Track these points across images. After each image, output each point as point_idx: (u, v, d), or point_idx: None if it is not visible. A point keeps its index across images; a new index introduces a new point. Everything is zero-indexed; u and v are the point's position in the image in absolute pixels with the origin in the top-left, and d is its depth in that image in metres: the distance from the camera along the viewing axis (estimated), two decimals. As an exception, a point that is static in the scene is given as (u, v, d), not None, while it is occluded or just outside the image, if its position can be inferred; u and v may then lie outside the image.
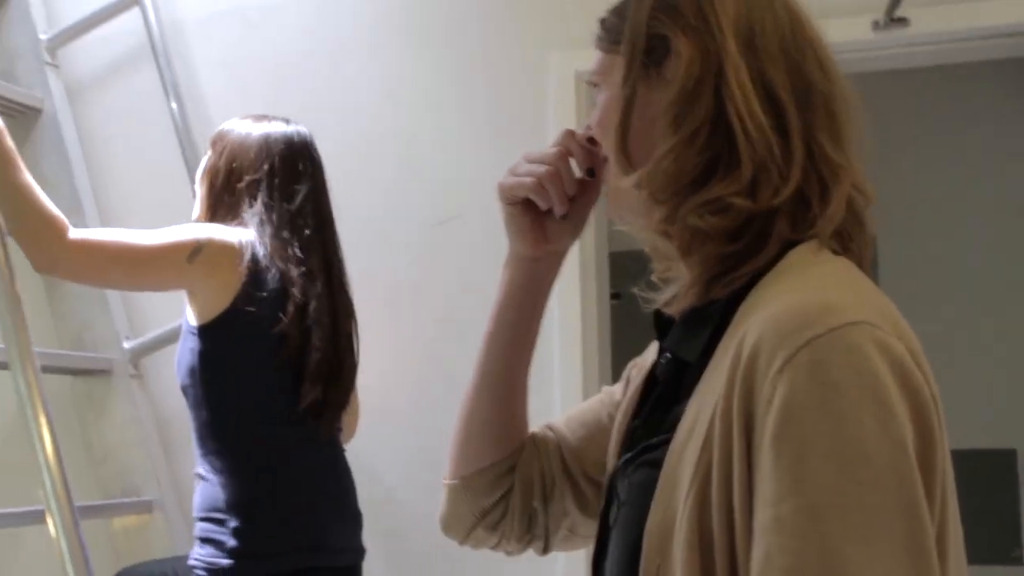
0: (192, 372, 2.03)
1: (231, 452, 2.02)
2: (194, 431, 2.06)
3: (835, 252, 0.94)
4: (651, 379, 1.07)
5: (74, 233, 1.92)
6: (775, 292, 0.88)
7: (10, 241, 1.94)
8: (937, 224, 3.94)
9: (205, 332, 2.01)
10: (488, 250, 2.57)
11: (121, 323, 2.73)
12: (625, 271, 1.20)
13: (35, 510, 2.01)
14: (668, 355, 1.00)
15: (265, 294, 2.00)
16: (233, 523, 1.98)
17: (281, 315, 2.00)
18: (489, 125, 2.61)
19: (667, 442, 0.91)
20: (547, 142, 2.56)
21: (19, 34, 2.85)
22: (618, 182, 1.02)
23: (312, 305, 2.03)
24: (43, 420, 1.91)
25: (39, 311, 2.56)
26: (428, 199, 2.64)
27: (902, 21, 2.31)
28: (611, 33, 1.03)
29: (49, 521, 1.87)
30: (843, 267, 0.93)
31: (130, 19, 2.79)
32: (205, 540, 2.01)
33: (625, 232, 1.12)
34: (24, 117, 2.78)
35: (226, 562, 1.97)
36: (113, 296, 2.72)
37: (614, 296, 2.63)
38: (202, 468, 2.05)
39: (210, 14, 2.81)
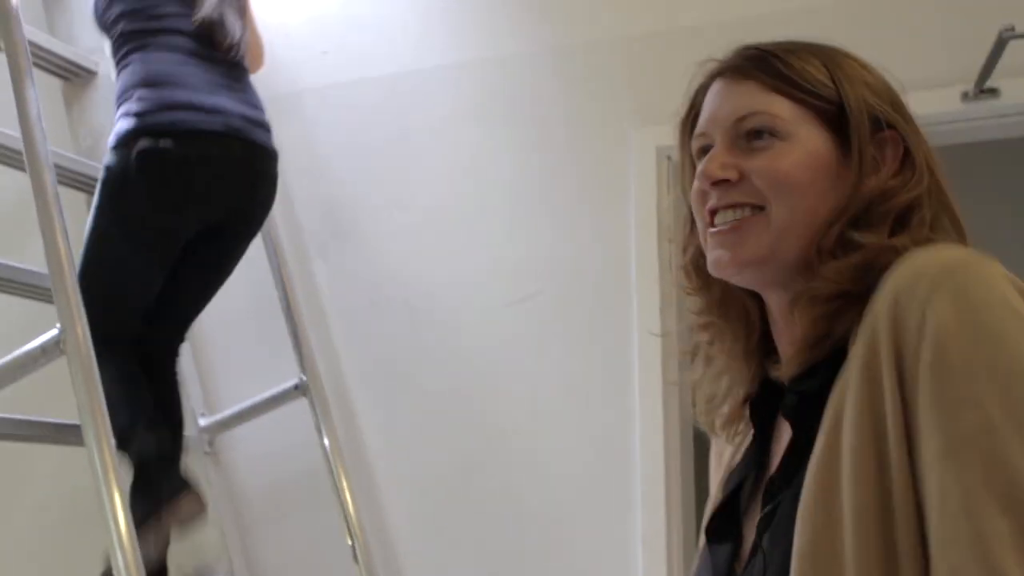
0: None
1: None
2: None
3: None
4: (760, 438, 1.03)
5: None
6: (894, 268, 0.87)
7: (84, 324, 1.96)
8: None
9: None
10: (566, 327, 2.55)
11: (196, 400, 2.73)
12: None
13: (107, 590, 2.00)
14: (794, 396, 0.96)
15: None
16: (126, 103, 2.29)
17: None
18: (569, 201, 2.58)
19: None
20: (628, 218, 2.57)
21: (104, 115, 2.90)
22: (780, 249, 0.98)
23: None
24: (117, 498, 1.90)
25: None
26: (507, 276, 2.61)
27: (992, 92, 2.26)
28: (814, 85, 0.99)
29: (121, 602, 1.85)
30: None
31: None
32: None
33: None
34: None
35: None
36: (189, 373, 2.73)
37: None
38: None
39: (290, 92, 2.84)
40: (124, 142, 2.22)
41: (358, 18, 2.85)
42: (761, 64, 1.00)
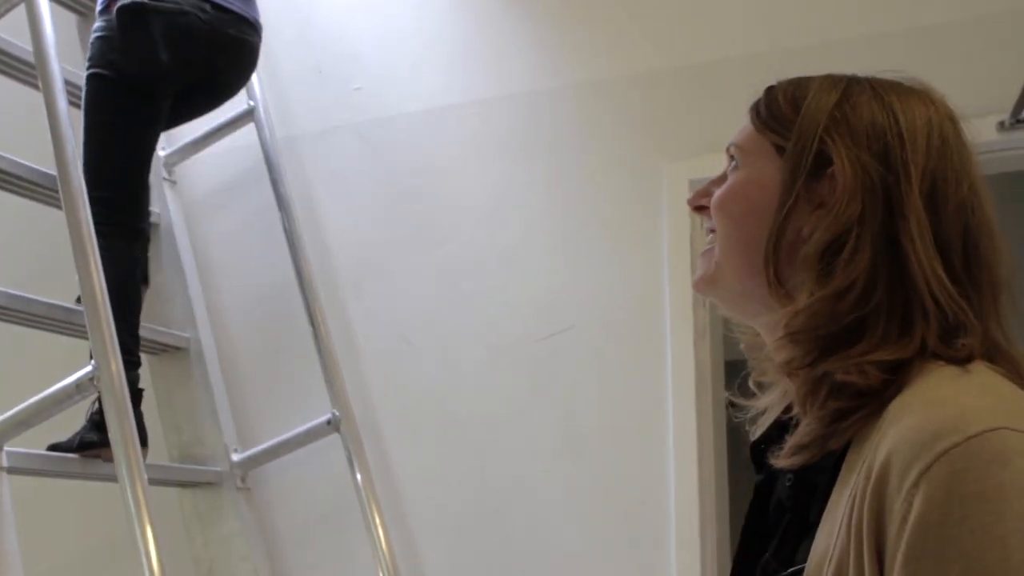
0: None
1: None
2: None
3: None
4: (758, 505, 1.00)
5: None
6: (906, 403, 0.81)
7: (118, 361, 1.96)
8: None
9: None
10: (599, 362, 2.53)
11: (230, 435, 2.72)
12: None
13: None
14: (790, 477, 0.93)
15: None
16: None
17: None
18: (603, 234, 2.57)
19: (801, 572, 0.84)
20: (660, 253, 2.56)
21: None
22: (733, 283, 0.97)
23: None
24: (149, 534, 1.90)
25: (148, 423, 2.57)
26: (540, 311, 2.60)
27: (1028, 122, 2.23)
28: (776, 119, 0.97)
29: (153, 639, 1.84)
30: (981, 372, 0.84)
31: (245, 135, 2.85)
32: None
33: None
34: (142, 231, 2.83)
35: None
36: (223, 408, 2.73)
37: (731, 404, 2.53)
38: None
39: (323, 129, 2.86)
40: (104, 7, 2.42)
41: (390, 55, 2.87)
42: (759, 99, 1.01)
